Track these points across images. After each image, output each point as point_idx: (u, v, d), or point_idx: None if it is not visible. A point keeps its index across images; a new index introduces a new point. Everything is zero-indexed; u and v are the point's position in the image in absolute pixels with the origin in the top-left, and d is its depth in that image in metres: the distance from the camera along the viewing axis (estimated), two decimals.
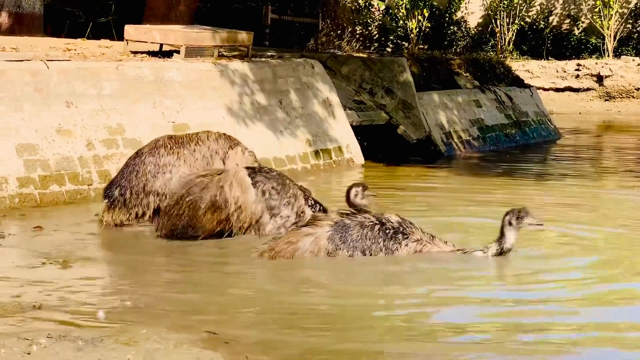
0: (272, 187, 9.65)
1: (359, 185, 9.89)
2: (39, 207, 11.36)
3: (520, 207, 9.01)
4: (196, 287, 8.09)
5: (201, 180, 9.62)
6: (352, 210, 9.07)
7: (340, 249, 8.79)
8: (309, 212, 9.76)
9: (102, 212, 10.28)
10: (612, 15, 31.21)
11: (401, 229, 8.89)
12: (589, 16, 32.53)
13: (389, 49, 32.78)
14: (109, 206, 10.22)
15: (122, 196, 10.18)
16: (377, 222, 8.87)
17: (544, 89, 29.72)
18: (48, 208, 11.37)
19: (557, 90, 30.56)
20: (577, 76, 30.43)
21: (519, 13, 32.00)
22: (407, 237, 8.88)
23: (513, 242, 8.90)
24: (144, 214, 10.18)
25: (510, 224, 8.88)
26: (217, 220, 9.53)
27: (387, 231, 8.85)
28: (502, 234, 8.91)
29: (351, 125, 16.43)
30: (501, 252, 8.90)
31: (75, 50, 15.12)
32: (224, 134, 10.64)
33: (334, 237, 8.82)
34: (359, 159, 16.14)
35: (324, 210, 9.88)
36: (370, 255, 8.77)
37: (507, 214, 8.92)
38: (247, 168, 9.81)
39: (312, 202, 9.94)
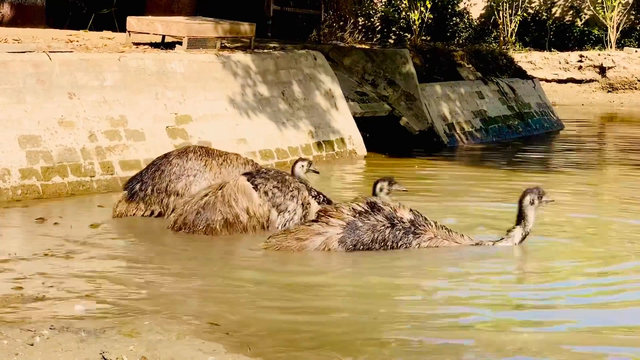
0: (274, 186, 9.73)
1: (385, 179, 9.86)
2: (42, 198, 11.36)
3: (537, 186, 9.01)
4: (198, 279, 8.10)
5: (206, 201, 9.65)
6: (365, 206, 8.94)
7: (350, 250, 8.79)
8: (314, 203, 9.82)
9: (117, 202, 10.35)
10: (614, 6, 31.15)
11: (413, 228, 8.85)
12: (591, 7, 32.48)
13: (391, 41, 32.74)
14: (127, 198, 10.31)
15: (142, 191, 10.28)
16: (389, 224, 8.83)
17: (547, 81, 29.69)
18: (50, 200, 11.37)
19: (560, 81, 30.52)
20: (580, 67, 30.39)
21: (521, 4, 31.94)
22: (418, 237, 8.84)
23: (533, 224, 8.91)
24: (161, 213, 10.27)
25: (532, 203, 8.85)
26: (232, 232, 9.63)
27: (397, 232, 8.81)
28: (522, 216, 8.87)
29: (354, 116, 16.42)
30: (525, 237, 8.89)
31: (77, 41, 15.11)
32: (251, 161, 10.78)
33: (345, 239, 8.81)
34: (362, 150, 16.14)
35: (328, 202, 9.92)
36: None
37: (525, 194, 8.88)
38: (245, 174, 9.87)
39: (315, 193, 9.99)
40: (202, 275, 8.23)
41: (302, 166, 10.55)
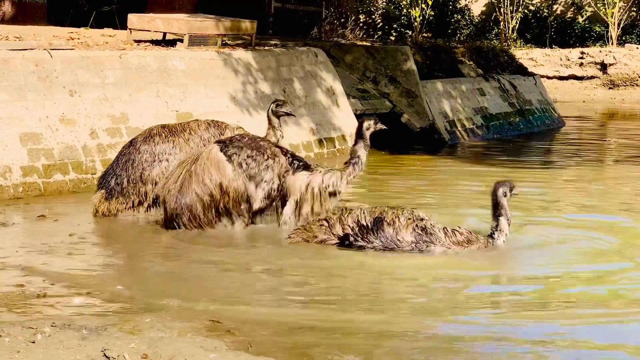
0: (248, 156, 9.46)
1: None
2: (43, 196, 11.37)
3: (507, 179, 9.07)
4: (199, 276, 8.10)
5: (182, 183, 9.49)
6: (370, 222, 8.91)
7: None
8: (291, 170, 9.61)
9: (96, 202, 10.27)
10: (615, 3, 31.12)
11: (416, 249, 8.84)
12: (592, 4, 32.45)
13: (392, 38, 32.72)
14: (105, 196, 10.22)
15: (118, 185, 10.18)
16: (388, 249, 8.82)
17: (548, 77, 29.67)
18: (52, 197, 11.38)
19: (561, 78, 30.51)
20: (581, 64, 30.37)
21: (522, 1, 31.93)
22: (427, 251, 8.83)
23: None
24: (140, 202, 10.18)
25: (505, 195, 8.91)
26: (214, 214, 9.50)
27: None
28: (500, 209, 8.89)
29: (355, 113, 16.41)
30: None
31: (78, 39, 15.10)
32: (212, 122, 10.59)
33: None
34: None
35: (306, 166, 9.73)
36: None
37: (498, 187, 8.92)
38: (218, 142, 9.64)
39: (291, 158, 9.75)
40: (203, 272, 8.23)
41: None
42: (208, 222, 9.51)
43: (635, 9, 32.67)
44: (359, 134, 9.94)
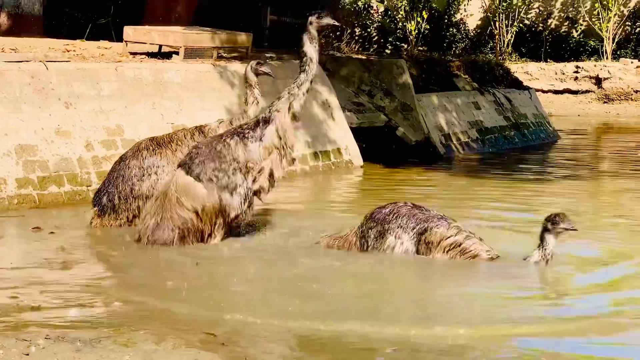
0: (213, 169, 9.33)
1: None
2: (38, 208, 11.36)
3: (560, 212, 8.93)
4: (194, 288, 8.09)
5: (156, 219, 9.42)
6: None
7: None
8: (251, 148, 9.48)
9: (91, 219, 10.31)
10: (610, 17, 31.23)
11: None
12: (587, 18, 32.54)
13: (388, 51, 32.77)
14: (98, 213, 10.26)
15: (110, 202, 10.22)
16: None
17: (543, 91, 29.74)
18: (47, 209, 11.37)
19: (556, 92, 30.57)
20: (576, 78, 30.44)
21: (517, 15, 32.01)
22: None
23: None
24: (134, 217, 10.21)
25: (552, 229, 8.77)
26: (196, 238, 9.49)
27: None
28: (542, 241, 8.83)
29: (350, 127, 16.43)
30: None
31: (74, 51, 15.12)
32: (197, 128, 10.56)
33: None
34: (358, 160, 16.14)
35: (258, 123, 9.60)
36: None
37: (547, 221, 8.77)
38: (180, 165, 9.50)
39: (241, 131, 9.58)
40: (198, 284, 8.22)
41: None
42: (192, 243, 9.49)
43: (629, 24, 32.76)
44: (306, 32, 9.76)
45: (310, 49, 9.72)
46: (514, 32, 32.05)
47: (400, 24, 33.10)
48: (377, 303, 7.74)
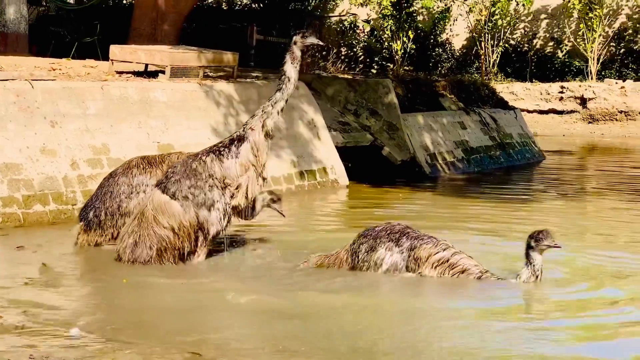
0: (189, 186, 9.35)
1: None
2: (22, 227, 11.31)
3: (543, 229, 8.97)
4: (178, 307, 8.06)
5: (134, 238, 9.41)
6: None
7: None
8: (228, 164, 9.47)
9: (77, 234, 10.27)
10: (595, 38, 31.39)
11: None
12: (572, 39, 32.70)
13: (374, 71, 32.86)
14: (84, 228, 10.22)
15: (97, 217, 10.17)
16: None
17: (528, 111, 29.86)
18: (31, 228, 11.32)
19: (541, 112, 30.69)
20: (561, 98, 30.56)
21: (503, 36, 32.15)
22: None
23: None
24: (119, 234, 10.15)
25: (538, 246, 8.81)
26: (174, 255, 9.48)
27: None
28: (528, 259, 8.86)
29: (336, 146, 16.44)
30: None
31: (60, 69, 15.09)
32: (191, 155, 10.54)
33: None
34: (344, 180, 16.15)
35: (232, 141, 9.64)
36: None
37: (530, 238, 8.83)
38: (157, 185, 9.52)
39: (216, 149, 9.57)
40: (182, 304, 8.19)
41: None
42: (172, 261, 9.47)
43: (614, 44, 32.93)
44: (289, 51, 9.76)
45: (290, 68, 9.75)
46: (500, 53, 32.18)
47: (386, 43, 33.21)
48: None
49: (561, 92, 30.56)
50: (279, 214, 10.40)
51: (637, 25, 33.11)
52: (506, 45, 32.72)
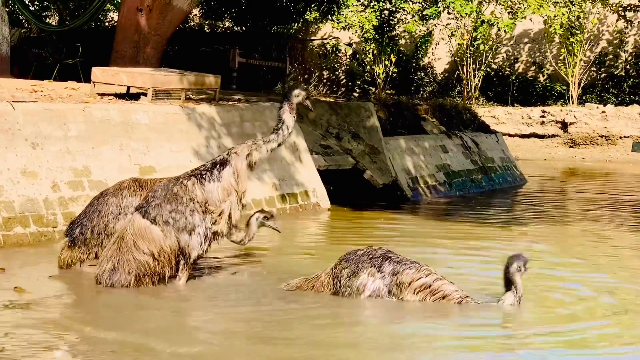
0: (170, 211, 9.30)
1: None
2: (2, 249, 11.25)
3: (520, 253, 9.04)
4: (161, 328, 8.03)
5: (111, 263, 9.34)
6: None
7: None
8: (209, 188, 9.40)
9: (60, 250, 10.23)
10: (576, 62, 31.57)
11: None
12: (553, 63, 32.88)
13: (356, 94, 32.94)
14: (69, 244, 10.18)
15: (82, 235, 10.14)
16: None
17: (510, 135, 29.97)
18: (11, 250, 11.26)
19: (523, 136, 30.82)
20: (542, 123, 30.70)
21: (485, 60, 32.29)
22: None
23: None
24: None
25: (519, 270, 8.86)
26: (153, 281, 9.42)
27: None
28: (512, 284, 8.90)
29: (318, 169, 16.45)
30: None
31: (41, 91, 15.07)
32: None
33: None
34: (325, 203, 16.15)
35: (214, 165, 9.58)
36: None
37: (511, 262, 8.86)
38: (137, 209, 9.48)
39: (198, 173, 9.51)
40: (165, 323, 8.16)
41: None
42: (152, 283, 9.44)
43: (595, 69, 33.13)
44: (286, 98, 9.79)
45: (289, 117, 9.79)
46: (481, 77, 32.33)
47: (368, 67, 33.32)
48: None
49: (542, 117, 30.70)
50: (275, 231, 10.37)
51: (618, 50, 33.34)
52: (488, 69, 32.87)
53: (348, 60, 34.80)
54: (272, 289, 9.45)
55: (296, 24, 32.77)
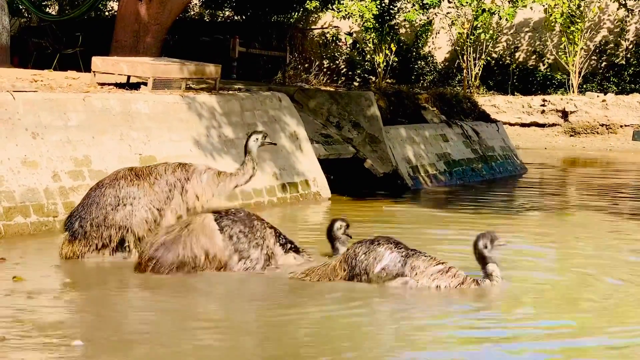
0: (240, 231, 9.66)
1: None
2: (3, 238, 11.26)
3: (488, 231, 9.19)
4: (162, 319, 8.04)
5: (168, 239, 9.60)
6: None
7: None
8: (279, 252, 9.80)
9: (61, 244, 10.23)
10: (577, 51, 31.53)
11: None
12: (554, 52, 32.85)
13: (356, 83, 32.92)
14: (69, 239, 10.17)
15: (82, 228, 10.12)
16: None
17: (510, 124, 29.94)
18: (12, 240, 11.27)
19: (523, 125, 30.79)
20: (543, 112, 30.68)
21: (485, 49, 32.24)
22: None
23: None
24: (104, 246, 10.13)
25: (485, 247, 9.01)
26: (186, 272, 9.55)
27: None
28: (485, 259, 9.03)
29: (318, 158, 16.45)
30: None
31: (42, 81, 15.07)
32: (180, 164, 10.54)
33: None
34: (326, 192, 16.15)
35: (296, 250, 9.94)
36: None
37: (477, 240, 9.04)
38: (215, 212, 9.79)
39: (283, 240, 9.96)
40: (167, 314, 8.17)
41: (256, 140, 10.58)
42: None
43: (595, 58, 33.10)
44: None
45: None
46: (482, 66, 32.28)
47: (368, 56, 33.28)
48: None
49: (543, 105, 30.68)
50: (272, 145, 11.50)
51: (619, 39, 33.30)
52: (488, 58, 32.82)
53: (348, 49, 34.77)
54: (277, 276, 9.48)
55: (296, 13, 32.74)
